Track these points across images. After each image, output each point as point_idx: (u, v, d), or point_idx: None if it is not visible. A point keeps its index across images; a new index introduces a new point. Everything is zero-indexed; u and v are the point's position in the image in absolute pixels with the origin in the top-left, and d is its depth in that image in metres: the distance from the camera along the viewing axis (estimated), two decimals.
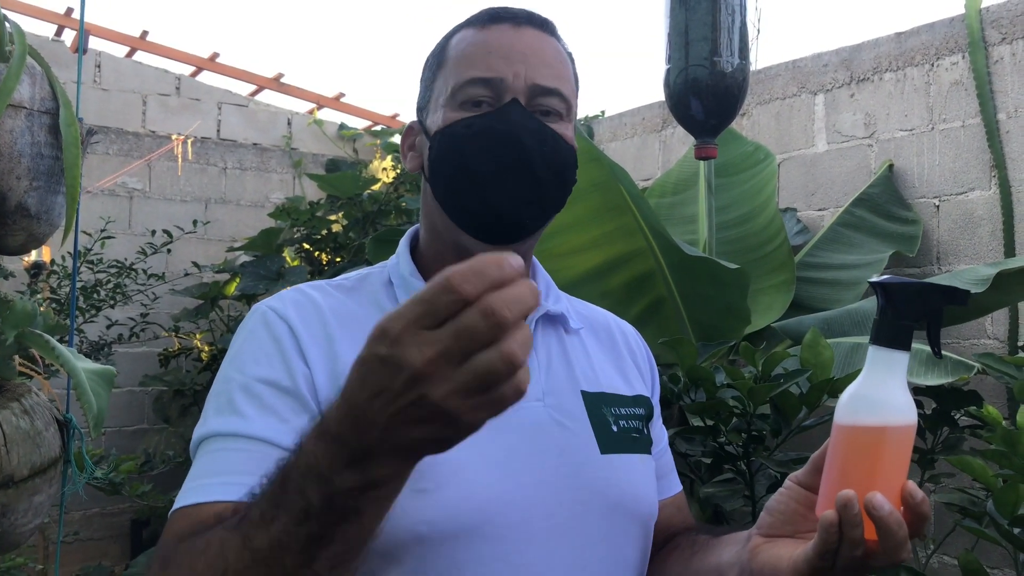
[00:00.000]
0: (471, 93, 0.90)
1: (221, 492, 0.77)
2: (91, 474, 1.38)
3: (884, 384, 0.72)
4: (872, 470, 0.71)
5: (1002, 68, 2.58)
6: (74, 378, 1.24)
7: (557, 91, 0.91)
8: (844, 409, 0.74)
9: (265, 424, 0.80)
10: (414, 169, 0.98)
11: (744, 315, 2.39)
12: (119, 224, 4.33)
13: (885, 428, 0.72)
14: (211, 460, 0.81)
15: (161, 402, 4.28)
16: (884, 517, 0.70)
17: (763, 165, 2.89)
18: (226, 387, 0.84)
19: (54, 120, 1.32)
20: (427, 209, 0.97)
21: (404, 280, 0.95)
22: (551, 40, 0.94)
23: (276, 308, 0.89)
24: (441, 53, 0.95)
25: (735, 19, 2.23)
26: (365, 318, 0.89)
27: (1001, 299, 2.27)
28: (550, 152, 0.90)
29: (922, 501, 0.72)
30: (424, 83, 0.98)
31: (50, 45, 4.34)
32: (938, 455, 2.13)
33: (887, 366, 0.72)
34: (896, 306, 0.72)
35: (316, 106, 5.20)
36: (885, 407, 0.72)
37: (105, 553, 4.15)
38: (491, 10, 0.94)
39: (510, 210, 0.90)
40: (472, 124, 0.89)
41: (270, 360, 0.85)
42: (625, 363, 1.06)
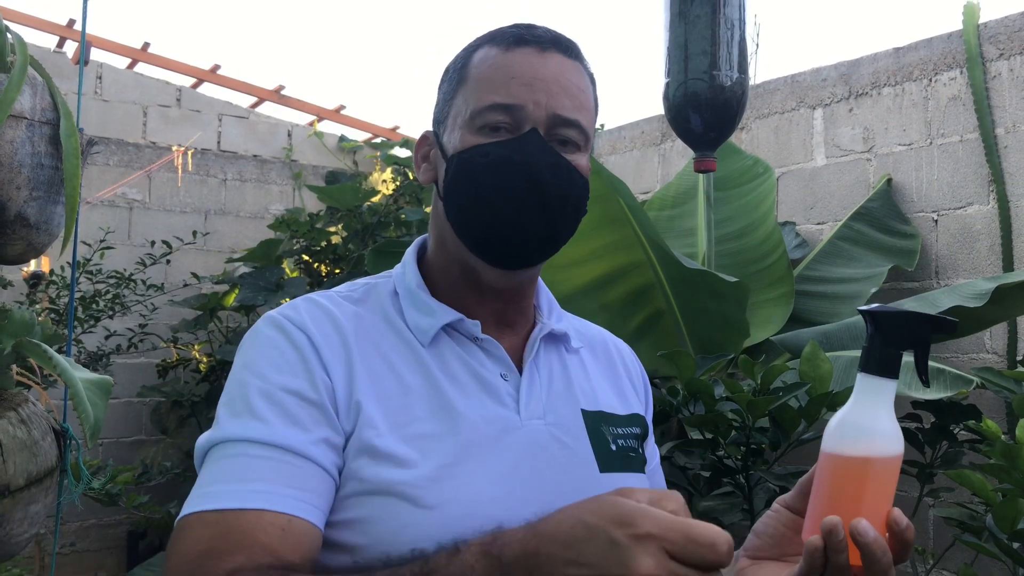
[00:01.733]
0: (490, 119, 0.89)
1: (253, 499, 0.76)
2: (87, 484, 1.38)
3: (871, 412, 0.73)
4: (857, 498, 0.72)
5: (1000, 83, 2.59)
6: (71, 387, 1.23)
7: (576, 123, 0.91)
8: (832, 437, 0.74)
9: (290, 433, 0.80)
10: (427, 182, 0.98)
11: (743, 328, 2.39)
12: (119, 235, 4.33)
13: (870, 459, 0.72)
14: (232, 465, 0.79)
15: (159, 413, 4.27)
16: (869, 543, 0.70)
17: (762, 179, 2.90)
18: (243, 392, 0.83)
19: (54, 131, 1.32)
20: (437, 224, 0.96)
21: (410, 291, 0.94)
22: (575, 66, 0.93)
23: (292, 318, 0.88)
24: (463, 69, 0.94)
25: (734, 33, 2.24)
26: (375, 330, 0.90)
27: (1000, 313, 2.27)
28: (565, 185, 0.90)
29: (906, 528, 0.73)
30: (443, 95, 0.96)
31: (52, 56, 4.35)
32: (937, 469, 2.12)
33: (875, 394, 0.73)
34: (884, 334, 0.73)
35: (316, 118, 5.21)
36: (872, 437, 0.72)
37: (101, 565, 4.14)
38: (517, 30, 0.92)
39: (522, 241, 0.90)
40: (490, 153, 0.88)
41: (293, 369, 0.84)
42: (621, 381, 1.06)
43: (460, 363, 0.91)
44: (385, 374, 0.87)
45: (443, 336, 0.92)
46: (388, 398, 0.85)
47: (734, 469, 1.95)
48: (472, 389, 0.90)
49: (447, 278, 0.96)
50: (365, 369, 0.86)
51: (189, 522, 0.76)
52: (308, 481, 0.79)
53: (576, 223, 0.94)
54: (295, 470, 0.78)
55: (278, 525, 0.75)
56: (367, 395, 0.84)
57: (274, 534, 0.74)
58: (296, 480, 0.78)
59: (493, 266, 0.92)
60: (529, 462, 0.87)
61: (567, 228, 0.93)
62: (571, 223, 0.93)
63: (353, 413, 0.83)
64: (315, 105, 5.21)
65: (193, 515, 0.76)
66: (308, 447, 0.79)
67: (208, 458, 0.82)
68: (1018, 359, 2.43)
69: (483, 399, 0.89)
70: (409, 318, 0.92)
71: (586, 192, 0.94)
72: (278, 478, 0.77)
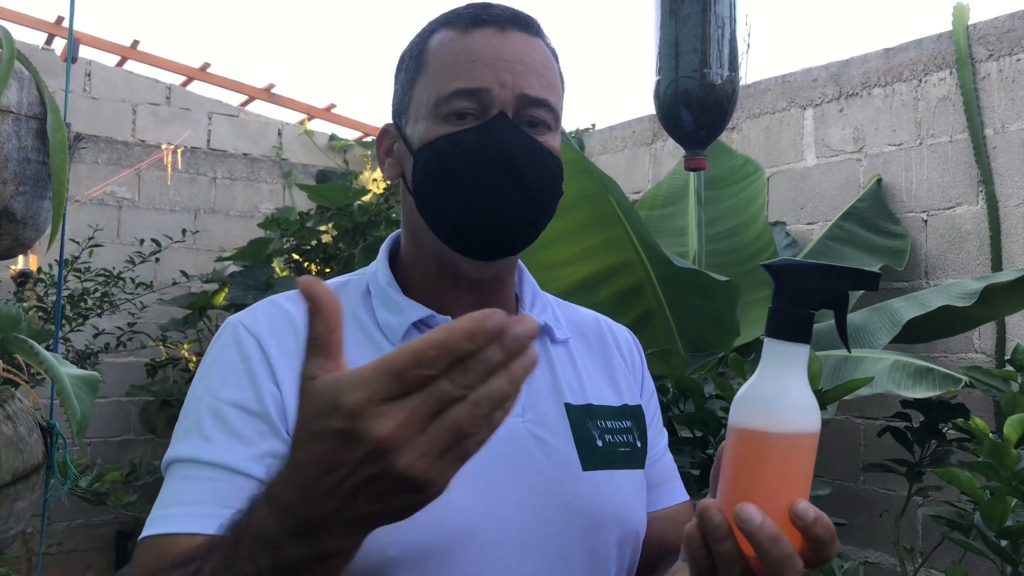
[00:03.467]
0: (456, 105, 0.85)
1: (187, 524, 0.75)
2: (74, 481, 1.37)
3: (778, 382, 0.63)
4: (756, 480, 0.62)
5: (989, 84, 2.60)
6: (58, 383, 1.22)
7: (545, 101, 0.87)
8: (735, 408, 0.65)
9: (230, 451, 0.78)
10: (393, 177, 0.94)
11: (733, 327, 2.40)
12: (108, 233, 4.31)
13: (768, 434, 0.62)
14: (177, 488, 0.79)
15: (148, 412, 4.25)
16: (754, 531, 0.62)
17: (753, 178, 2.91)
18: (195, 407, 0.82)
19: (41, 125, 1.31)
20: (408, 219, 0.93)
21: (381, 290, 0.91)
22: (538, 43, 0.89)
23: (247, 323, 0.85)
24: (420, 55, 0.89)
25: (725, 31, 2.24)
26: (348, 331, 0.86)
27: (988, 313, 2.28)
28: (540, 167, 0.86)
29: (815, 522, 0.64)
30: (401, 85, 0.92)
31: (40, 53, 4.33)
32: (926, 468, 2.13)
33: (781, 361, 0.63)
34: (791, 292, 0.63)
35: (307, 117, 5.20)
36: (775, 409, 0.62)
37: (89, 565, 4.11)
38: (473, 10, 0.88)
39: (502, 229, 0.86)
40: (459, 141, 0.84)
41: (238, 380, 0.81)
42: (616, 370, 1.01)
43: None
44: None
45: (414, 333, 0.88)
46: None
47: None
48: None
49: (421, 273, 0.92)
50: None
51: (141, 547, 0.77)
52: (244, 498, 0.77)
53: (554, 206, 0.90)
54: (235, 489, 0.75)
55: (184, 543, 0.73)
56: None
57: (189, 555, 0.71)
58: (235, 499, 0.72)
59: (472, 258, 0.88)
60: (503, 462, 0.84)
61: (546, 212, 0.89)
62: (549, 206, 0.89)
63: None
64: (305, 103, 5.20)
65: (144, 540, 0.77)
66: (249, 464, 0.77)
67: (166, 477, 0.81)
68: (1006, 358, 2.44)
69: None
70: (379, 316, 0.89)
71: (561, 173, 0.90)
72: (217, 499, 0.75)
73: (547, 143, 0.88)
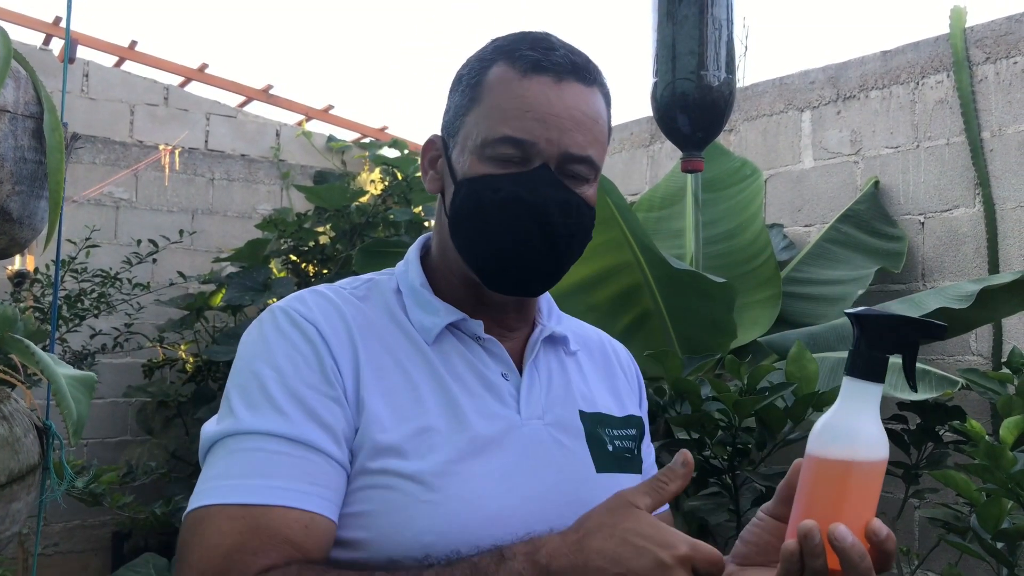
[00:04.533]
0: (501, 151, 0.88)
1: (280, 496, 0.77)
2: (70, 482, 1.36)
3: (856, 416, 0.72)
4: (838, 502, 0.71)
5: (986, 87, 2.60)
6: (54, 384, 1.22)
7: (588, 159, 0.90)
8: (816, 440, 0.74)
9: (309, 428, 0.81)
10: (433, 191, 0.98)
11: (730, 329, 2.40)
12: (105, 234, 4.30)
13: (852, 463, 0.71)
14: (253, 459, 0.79)
15: (144, 413, 4.24)
16: (846, 549, 0.70)
17: (750, 181, 2.91)
18: (260, 383, 0.83)
19: (38, 125, 1.31)
20: (441, 234, 0.97)
21: (414, 290, 0.95)
22: (591, 93, 0.91)
23: (302, 311, 0.89)
24: (477, 86, 0.92)
25: (722, 34, 2.25)
26: (380, 326, 0.91)
27: (985, 316, 2.29)
28: (573, 223, 0.90)
29: (886, 539, 0.72)
30: (455, 106, 0.95)
31: (38, 54, 4.32)
32: (922, 470, 2.13)
33: (861, 398, 0.72)
34: (871, 338, 0.72)
35: (305, 118, 5.20)
36: (855, 440, 0.71)
37: (86, 566, 4.10)
38: (535, 54, 0.90)
39: (525, 276, 0.92)
40: (500, 188, 0.88)
41: (308, 362, 0.85)
42: (618, 383, 1.08)
43: (463, 361, 0.92)
44: (391, 370, 0.88)
45: (447, 334, 0.94)
46: (394, 393, 0.87)
47: (720, 469, 1.96)
48: (475, 387, 0.91)
49: (449, 282, 0.97)
50: (371, 365, 0.88)
51: (211, 514, 0.77)
52: (327, 477, 0.80)
53: (580, 251, 0.95)
54: (315, 466, 0.80)
55: (302, 522, 0.76)
56: (372, 391, 0.86)
57: (298, 531, 0.76)
58: (317, 476, 0.79)
59: (493, 290, 0.93)
60: (529, 460, 0.89)
61: (571, 261, 0.94)
62: (575, 255, 0.95)
63: (360, 409, 0.85)
64: (303, 105, 5.19)
65: (215, 507, 0.77)
66: (327, 443, 0.81)
67: (220, 448, 0.81)
68: (1002, 361, 2.44)
69: (486, 398, 0.91)
70: (413, 316, 0.94)
71: (592, 222, 0.94)
72: (300, 475, 0.78)
73: (584, 194, 0.92)
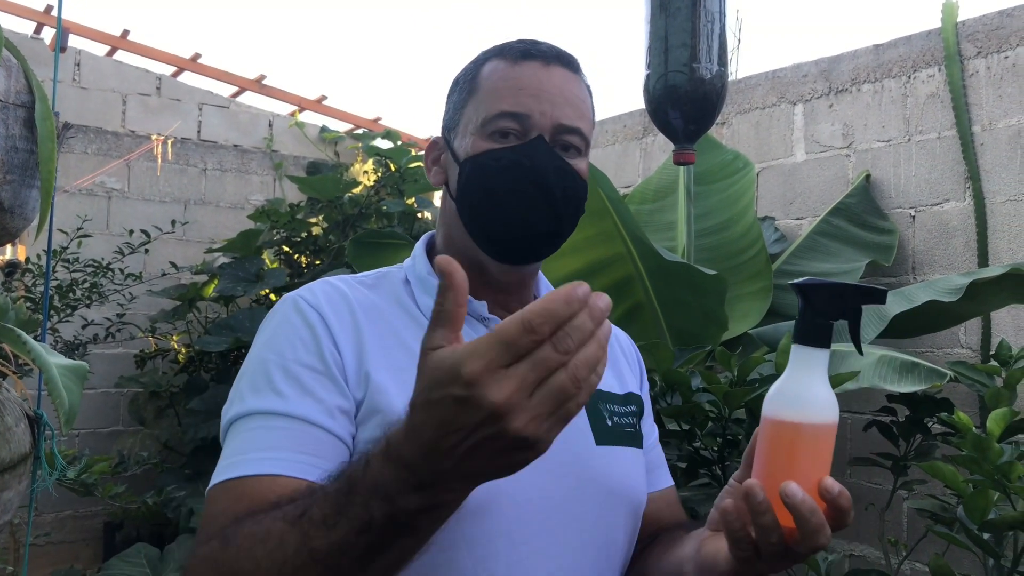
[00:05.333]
0: (500, 125, 0.97)
1: (269, 466, 0.82)
2: (62, 471, 1.37)
3: (804, 381, 0.76)
4: (790, 462, 0.75)
5: (977, 81, 2.61)
6: (45, 373, 1.22)
7: (578, 130, 0.99)
8: (769, 404, 0.77)
9: (303, 404, 0.86)
10: (438, 184, 1.06)
11: (721, 321, 2.41)
12: (97, 224, 4.29)
13: (802, 424, 0.75)
14: (253, 436, 0.85)
15: (136, 404, 4.24)
16: (797, 504, 0.73)
17: (742, 174, 2.91)
18: (262, 367, 0.90)
19: (29, 114, 1.31)
20: (447, 221, 1.04)
21: (422, 279, 1.02)
22: (576, 79, 1.02)
23: (307, 298, 0.95)
24: (473, 80, 1.02)
25: (714, 26, 2.25)
26: (388, 311, 0.98)
27: (974, 308, 2.30)
28: (569, 188, 0.98)
29: (839, 495, 0.76)
30: (453, 105, 1.04)
31: (29, 43, 4.30)
32: (911, 462, 2.15)
33: (809, 363, 0.76)
34: (814, 306, 0.76)
35: (298, 108, 5.18)
36: (804, 404, 0.75)
37: (77, 556, 4.10)
38: (523, 45, 1.01)
39: (529, 239, 0.99)
40: (501, 157, 0.96)
41: (305, 344, 0.90)
42: (619, 363, 1.14)
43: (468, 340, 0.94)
44: (396, 347, 0.93)
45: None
46: (401, 369, 0.91)
47: (711, 460, 1.97)
48: None
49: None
50: (376, 343, 0.93)
51: (215, 492, 0.83)
52: (321, 447, 0.85)
53: (576, 221, 1.02)
54: (308, 437, 0.85)
55: (290, 487, 0.79)
56: (377, 366, 0.91)
57: (286, 496, 0.77)
58: (310, 447, 0.84)
59: (501, 262, 1.00)
60: None
61: (569, 226, 1.01)
62: (573, 221, 1.01)
63: (363, 383, 0.90)
64: (297, 95, 5.18)
65: (219, 485, 0.83)
66: (322, 416, 0.86)
67: (231, 431, 0.88)
68: (991, 353, 2.46)
69: None
70: (421, 302, 1.00)
71: (585, 193, 1.02)
72: (292, 446, 0.83)
73: (576, 166, 1.00)
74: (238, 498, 0.81)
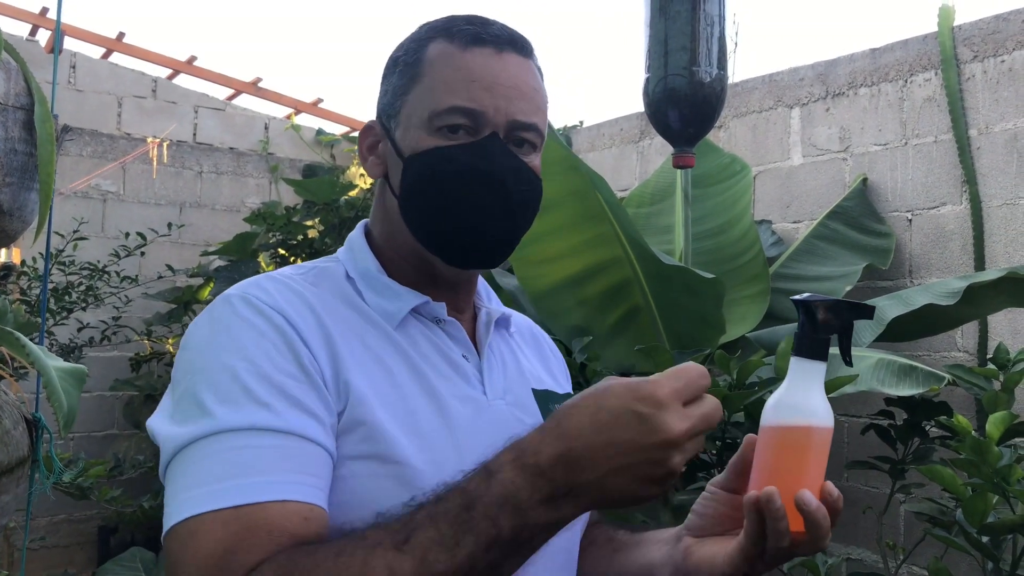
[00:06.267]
0: (450, 121, 0.88)
1: (277, 491, 0.72)
2: (59, 475, 1.36)
3: (806, 391, 0.79)
4: (798, 468, 0.78)
5: (974, 85, 2.62)
6: (44, 376, 1.22)
7: (534, 126, 0.92)
8: (771, 413, 0.80)
9: (295, 417, 0.76)
10: (376, 175, 0.96)
11: (719, 324, 2.41)
12: (92, 227, 4.28)
13: (810, 428, 0.78)
14: (240, 457, 0.73)
15: (132, 407, 4.23)
16: (812, 512, 0.74)
17: (739, 177, 2.92)
18: (231, 375, 0.77)
19: (28, 116, 1.30)
20: (387, 217, 0.95)
21: (369, 276, 0.93)
22: (529, 65, 0.93)
23: (263, 299, 0.84)
24: (416, 64, 0.92)
25: (714, 30, 2.25)
26: (343, 311, 0.88)
27: (971, 312, 2.30)
28: (525, 190, 0.91)
29: (838, 498, 0.78)
30: (393, 88, 0.94)
31: (25, 45, 4.29)
32: (909, 465, 2.15)
33: (809, 375, 0.79)
34: (814, 321, 0.79)
35: (294, 111, 5.18)
36: (808, 411, 0.79)
37: (72, 560, 4.09)
38: (472, 28, 0.91)
39: (485, 245, 0.92)
40: (453, 157, 0.88)
41: (279, 350, 0.80)
42: (551, 363, 1.10)
43: (429, 344, 0.92)
44: (364, 354, 0.86)
45: (409, 318, 0.92)
46: (373, 376, 0.84)
47: (709, 464, 1.97)
48: (445, 369, 0.91)
49: (399, 266, 0.95)
50: (346, 348, 0.85)
51: (203, 522, 0.71)
52: (319, 467, 0.77)
53: (530, 223, 0.96)
54: (308, 456, 0.76)
55: (301, 514, 0.72)
56: (354, 373, 0.83)
57: (299, 523, 0.72)
58: (309, 466, 0.75)
59: (451, 265, 0.93)
60: (500, 442, 0.87)
61: (525, 230, 0.95)
62: (528, 224, 0.95)
63: (343, 391, 0.81)
64: (292, 98, 5.17)
65: (207, 515, 0.71)
66: (316, 431, 0.77)
67: (195, 452, 0.74)
68: (988, 357, 2.46)
69: (455, 379, 0.91)
70: (372, 302, 0.91)
71: (540, 193, 0.95)
72: (294, 467, 0.74)
73: (531, 163, 0.93)
74: (243, 530, 0.70)
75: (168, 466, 0.77)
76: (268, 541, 0.70)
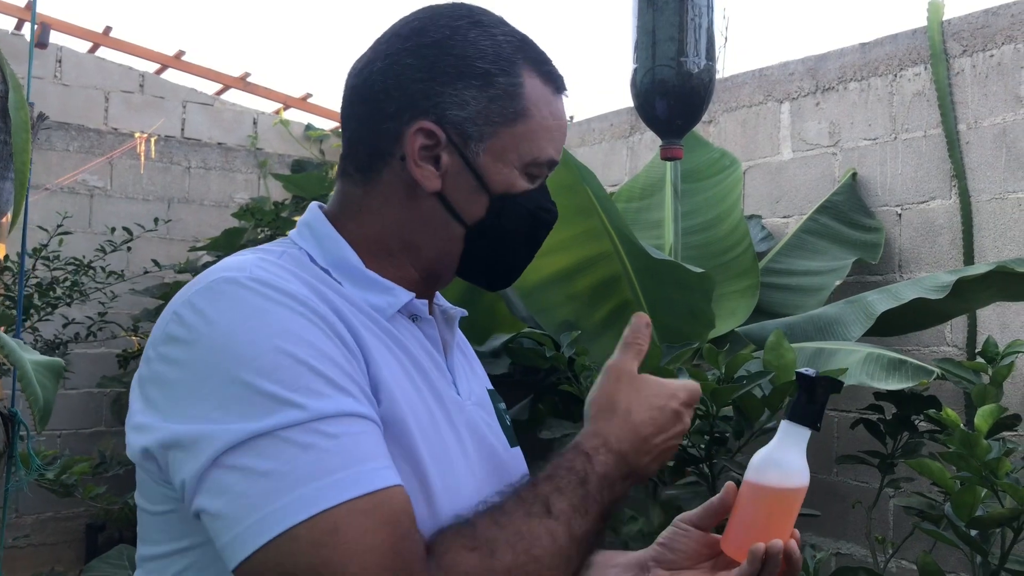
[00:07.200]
0: (542, 172, 0.92)
1: (392, 475, 0.73)
2: (38, 471, 1.34)
3: (792, 453, 0.89)
4: (786, 522, 0.89)
5: (963, 80, 2.62)
6: (19, 369, 1.19)
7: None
8: (761, 471, 0.90)
9: (365, 403, 0.75)
10: (433, 188, 0.87)
11: (708, 319, 2.40)
12: (79, 222, 4.24)
13: (791, 490, 0.89)
14: (344, 446, 0.71)
15: (119, 404, 4.20)
16: (795, 562, 0.86)
17: (729, 172, 2.91)
18: (293, 360, 0.72)
19: (3, 104, 1.28)
20: (423, 229, 0.90)
21: (347, 267, 0.87)
22: None
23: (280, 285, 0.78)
24: (518, 98, 0.87)
25: (702, 20, 2.24)
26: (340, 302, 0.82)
27: (960, 306, 2.30)
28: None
29: (799, 557, 0.88)
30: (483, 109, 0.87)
31: (9, 39, 4.25)
32: (898, 459, 2.14)
33: (797, 438, 0.89)
34: (812, 393, 0.90)
35: (283, 106, 5.15)
36: (791, 473, 0.88)
37: (58, 559, 4.06)
38: (555, 71, 0.93)
39: (516, 276, 0.99)
40: (549, 208, 0.94)
41: (326, 334, 0.76)
42: (475, 361, 1.07)
43: (416, 342, 0.89)
44: (380, 347, 0.82)
45: (399, 315, 0.89)
46: (394, 371, 0.82)
47: (698, 458, 1.96)
48: (431, 366, 0.89)
49: (380, 263, 0.90)
50: (369, 340, 0.81)
51: (338, 516, 0.68)
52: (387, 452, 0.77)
53: None
54: (383, 441, 0.76)
55: (406, 496, 0.74)
56: (380, 366, 0.80)
57: (411, 506, 0.75)
58: (386, 451, 0.75)
59: (486, 289, 1.00)
60: (475, 445, 0.90)
61: None
62: None
63: (374, 385, 0.79)
64: (281, 93, 5.15)
65: (337, 508, 0.68)
66: (377, 416, 0.77)
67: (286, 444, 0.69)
68: (976, 351, 2.46)
69: (440, 377, 0.90)
70: (354, 295, 0.85)
71: None
72: (384, 452, 0.75)
73: None
74: (390, 518, 0.70)
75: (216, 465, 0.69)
76: (412, 526, 0.73)
